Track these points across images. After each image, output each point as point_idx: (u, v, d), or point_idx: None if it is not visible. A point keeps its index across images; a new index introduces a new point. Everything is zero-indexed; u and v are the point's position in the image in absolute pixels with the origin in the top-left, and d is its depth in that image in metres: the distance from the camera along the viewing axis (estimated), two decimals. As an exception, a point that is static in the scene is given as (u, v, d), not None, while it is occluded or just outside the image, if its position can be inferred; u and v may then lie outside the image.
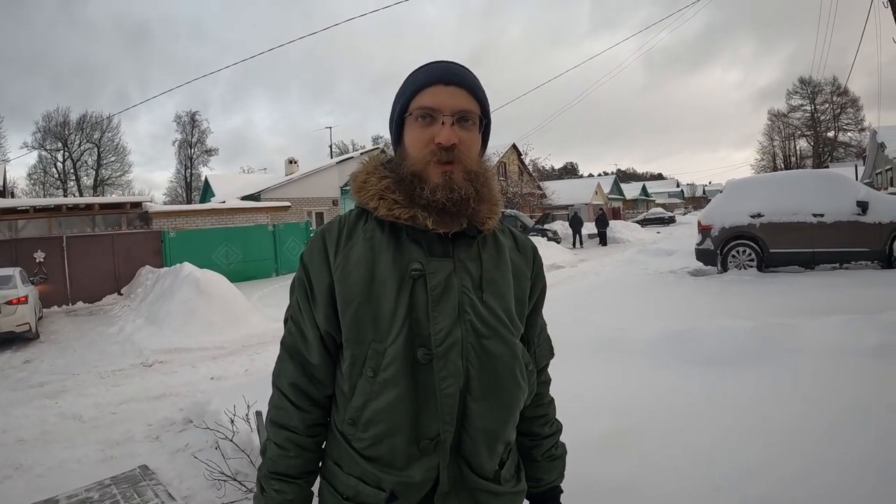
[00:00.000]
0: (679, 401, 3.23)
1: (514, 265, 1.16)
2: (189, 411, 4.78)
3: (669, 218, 47.52)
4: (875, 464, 2.35)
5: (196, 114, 54.39)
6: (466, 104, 1.07)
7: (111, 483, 3.51)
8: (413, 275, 1.04)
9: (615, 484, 2.32)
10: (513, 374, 1.09)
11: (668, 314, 6.73)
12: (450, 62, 1.11)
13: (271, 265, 17.89)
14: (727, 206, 10.47)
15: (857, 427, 2.66)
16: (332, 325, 1.08)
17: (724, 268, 10.26)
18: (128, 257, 14.47)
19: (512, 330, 1.10)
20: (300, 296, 1.12)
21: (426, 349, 1.02)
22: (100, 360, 7.43)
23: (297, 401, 1.11)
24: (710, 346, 3.86)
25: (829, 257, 9.50)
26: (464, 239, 1.09)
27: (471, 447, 1.06)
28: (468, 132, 1.07)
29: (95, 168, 47.70)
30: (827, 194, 9.49)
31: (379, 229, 1.09)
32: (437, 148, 1.04)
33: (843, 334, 3.75)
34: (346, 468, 1.08)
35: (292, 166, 27.82)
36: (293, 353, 1.13)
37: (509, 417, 1.11)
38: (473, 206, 1.06)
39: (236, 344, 8.06)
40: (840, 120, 57.19)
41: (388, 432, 1.02)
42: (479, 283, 1.08)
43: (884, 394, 2.98)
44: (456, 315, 1.04)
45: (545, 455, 1.27)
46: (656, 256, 15.39)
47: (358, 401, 1.05)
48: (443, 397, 1.02)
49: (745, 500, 2.20)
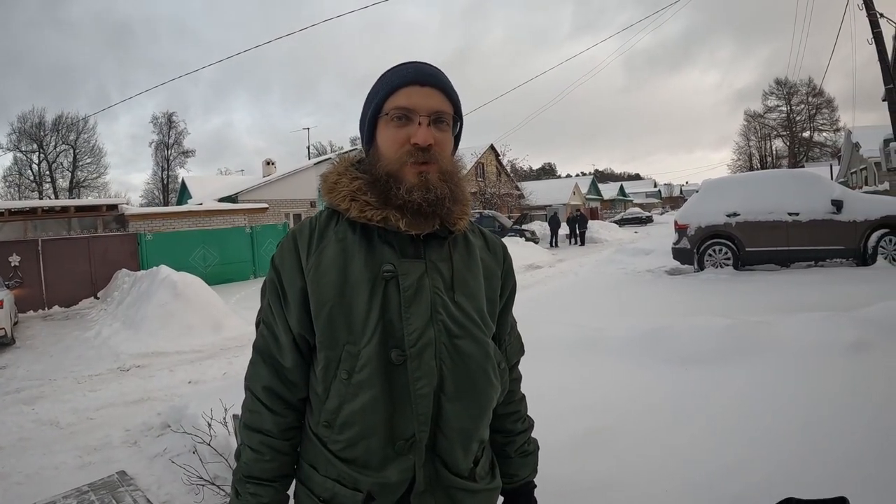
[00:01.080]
0: (656, 399, 3.26)
1: (484, 265, 1.18)
2: (167, 416, 4.72)
3: (647, 218, 48.02)
4: (853, 459, 2.38)
5: (173, 115, 53.70)
6: (441, 105, 1.08)
7: (89, 490, 3.45)
8: (385, 276, 1.04)
9: (592, 483, 2.34)
10: (485, 372, 1.10)
11: (645, 313, 6.80)
12: (423, 63, 1.12)
13: (249, 267, 17.75)
14: (703, 206, 10.62)
15: (834, 423, 2.69)
16: (305, 328, 1.08)
17: (701, 266, 10.40)
18: (104, 260, 14.24)
19: (484, 329, 1.12)
20: (272, 299, 1.12)
21: (400, 350, 1.03)
22: (77, 365, 7.30)
23: (271, 404, 1.10)
24: (686, 345, 3.88)
25: (805, 255, 9.67)
26: (435, 240, 1.10)
27: (446, 446, 1.07)
28: (443, 133, 1.08)
29: (71, 170, 46.85)
30: (802, 193, 9.66)
31: (350, 231, 1.09)
32: (414, 148, 1.04)
33: (820, 331, 3.79)
34: (321, 470, 1.08)
35: (270, 168, 27.63)
36: (266, 356, 1.13)
37: (483, 416, 1.12)
38: (448, 206, 1.07)
39: (214, 347, 7.98)
40: (815, 120, 58.16)
41: (363, 434, 1.03)
42: (451, 284, 1.09)
43: (861, 389, 3.02)
44: (429, 316, 1.05)
45: (518, 451, 1.29)
46: (634, 256, 15.53)
47: (333, 403, 1.05)
48: (417, 398, 1.03)
49: (722, 497, 2.21)
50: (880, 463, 2.32)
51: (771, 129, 61.34)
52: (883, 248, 9.04)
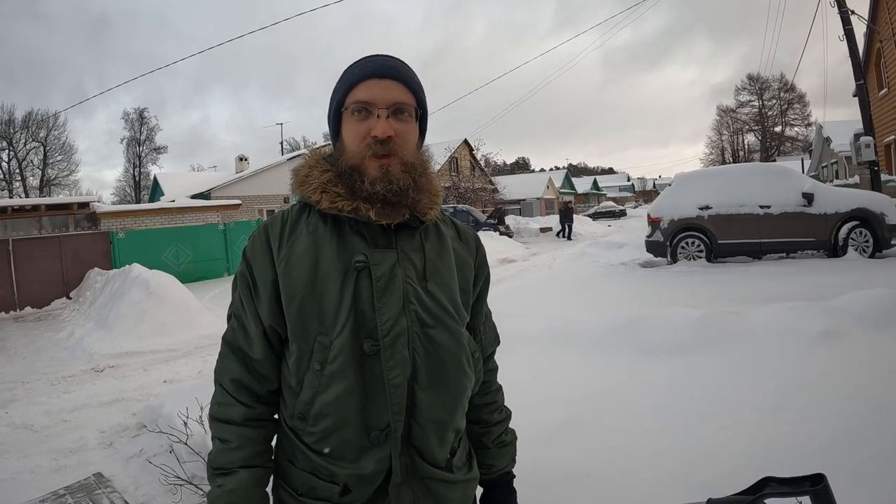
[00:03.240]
0: (630, 389, 3.29)
1: (456, 255, 1.19)
2: (142, 416, 4.66)
3: (620, 211, 48.50)
4: (823, 444, 2.43)
5: (144, 111, 52.95)
6: (401, 96, 1.08)
7: (66, 493, 3.39)
8: (357, 266, 1.05)
9: (569, 471, 2.36)
10: (458, 362, 1.11)
11: (619, 305, 6.87)
12: (384, 55, 1.12)
13: (222, 265, 17.52)
14: (676, 199, 10.76)
15: (805, 409, 2.74)
16: (276, 320, 1.08)
17: (674, 259, 10.55)
18: (76, 260, 13.93)
19: (457, 319, 1.13)
20: (243, 291, 1.12)
21: (373, 340, 1.03)
22: (50, 366, 7.15)
23: (240, 396, 1.10)
24: (660, 335, 3.92)
25: (776, 247, 9.87)
26: (406, 230, 1.10)
27: (421, 436, 1.08)
28: (404, 124, 1.09)
29: (42, 168, 45.88)
30: (773, 187, 9.85)
31: (322, 222, 1.09)
32: (374, 141, 1.05)
33: (791, 320, 3.86)
34: (298, 464, 1.08)
35: (243, 164, 27.36)
36: (234, 348, 1.12)
37: (457, 405, 1.13)
38: (413, 197, 1.07)
39: (188, 346, 7.88)
40: (787, 115, 59.25)
41: (337, 424, 1.03)
42: (423, 273, 1.10)
43: (831, 377, 3.08)
44: (401, 305, 1.05)
45: (496, 442, 1.30)
46: (607, 249, 15.69)
47: (306, 395, 1.05)
48: (391, 387, 1.04)
49: (698, 483, 2.24)
50: (850, 446, 2.38)
51: (743, 123, 62.38)
52: (853, 240, 9.27)
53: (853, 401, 2.77)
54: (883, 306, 4.00)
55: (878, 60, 18.40)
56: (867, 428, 2.51)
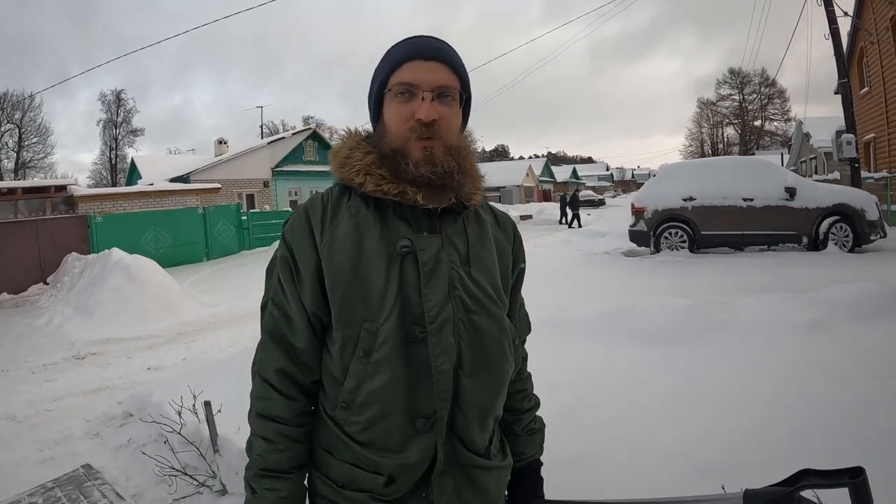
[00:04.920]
0: (627, 375, 3.33)
1: (496, 241, 1.17)
2: (129, 404, 4.58)
3: (599, 200, 48.74)
4: (814, 427, 2.50)
5: (121, 92, 51.86)
6: (446, 79, 1.06)
7: (54, 486, 3.30)
8: (402, 251, 1.02)
9: (573, 456, 2.37)
10: (501, 348, 1.09)
11: (606, 293, 6.89)
12: (429, 37, 1.10)
13: (202, 249, 17.38)
14: (660, 190, 10.85)
15: (797, 395, 2.81)
16: (319, 306, 1.05)
17: (657, 249, 10.63)
18: (53, 244, 13.62)
19: (499, 304, 1.11)
20: (284, 277, 1.08)
21: (420, 327, 1.01)
22: (30, 354, 6.99)
23: (284, 388, 1.06)
24: (650, 323, 3.97)
25: (758, 240, 9.99)
26: (449, 215, 1.09)
27: (464, 423, 1.07)
28: (448, 107, 1.06)
29: (17, 150, 44.76)
30: (757, 180, 9.97)
31: (364, 205, 1.07)
32: (418, 124, 1.03)
33: (778, 311, 3.94)
34: (338, 455, 1.06)
35: (222, 147, 27.02)
36: (277, 338, 1.08)
37: (500, 392, 1.12)
38: (458, 180, 1.06)
39: (171, 332, 7.76)
40: (767, 110, 59.96)
41: (383, 413, 1.01)
42: (467, 259, 1.08)
43: (819, 365, 3.16)
44: (446, 291, 1.03)
45: (525, 429, 1.30)
46: (589, 238, 15.75)
47: (351, 383, 1.02)
48: (438, 374, 1.02)
49: (698, 464, 2.29)
50: (840, 430, 2.44)
51: (723, 116, 62.98)
52: (833, 235, 9.41)
53: (842, 388, 2.85)
54: (867, 299, 4.10)
55: (861, 59, 18.69)
56: (856, 414, 2.58)
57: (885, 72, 16.45)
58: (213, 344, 6.94)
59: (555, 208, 29.28)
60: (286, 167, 26.71)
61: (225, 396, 3.26)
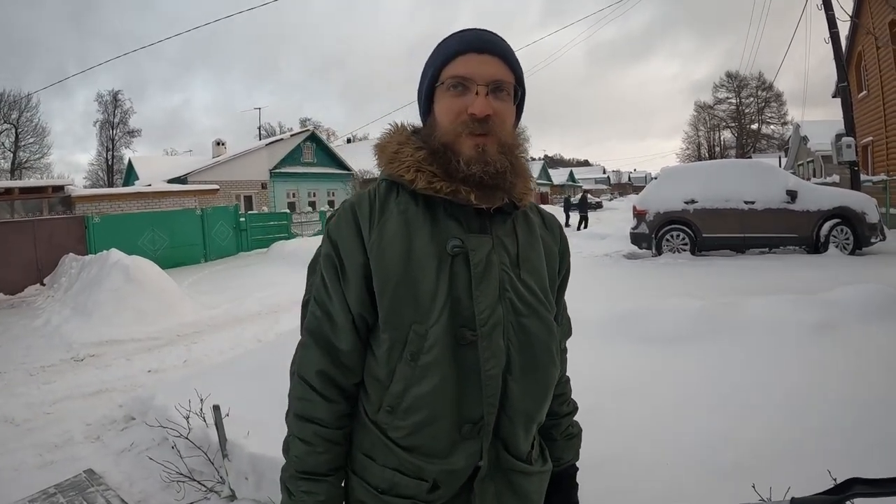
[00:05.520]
0: (640, 376, 3.32)
1: (544, 242, 1.14)
2: (130, 408, 4.53)
3: (597, 203, 48.76)
4: (830, 426, 2.50)
5: (118, 93, 51.64)
6: (501, 73, 1.02)
7: (56, 491, 3.23)
8: (453, 251, 0.99)
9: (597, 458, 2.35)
10: (549, 352, 1.07)
11: (612, 295, 6.86)
12: (483, 30, 1.06)
13: (199, 251, 17.27)
14: (662, 192, 10.84)
15: (811, 396, 2.82)
16: (364, 307, 1.02)
17: (659, 251, 10.63)
18: (50, 245, 13.51)
19: (548, 307, 1.08)
20: (328, 275, 1.04)
21: (470, 329, 0.98)
22: (27, 356, 6.89)
23: (325, 391, 1.03)
24: (660, 325, 3.96)
25: (759, 242, 10.01)
26: (500, 215, 1.05)
27: (509, 428, 1.04)
28: (503, 103, 1.03)
29: (13, 150, 44.48)
30: (758, 183, 9.98)
31: (413, 203, 1.03)
32: (471, 119, 0.99)
33: (786, 312, 3.94)
34: (380, 460, 1.03)
35: (220, 148, 26.87)
36: (319, 338, 1.05)
37: (546, 396, 1.10)
38: (511, 180, 1.02)
39: (171, 333, 7.69)
40: (764, 113, 60.09)
41: (430, 419, 0.98)
42: (517, 261, 1.05)
43: (830, 366, 3.17)
44: (497, 294, 1.00)
45: (563, 434, 1.27)
46: (590, 240, 15.76)
47: (397, 387, 0.99)
48: (487, 378, 0.99)
49: (719, 465, 2.30)
50: (857, 431, 2.45)
51: (720, 120, 63.11)
52: (834, 237, 9.42)
53: (855, 389, 2.87)
54: (873, 300, 4.11)
55: (859, 63, 18.74)
56: (871, 414, 2.59)
57: (883, 75, 16.50)
58: (214, 346, 6.89)
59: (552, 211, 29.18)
60: (284, 169, 26.63)
61: (231, 400, 3.22)
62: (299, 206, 26.16)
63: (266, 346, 5.54)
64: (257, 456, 2.83)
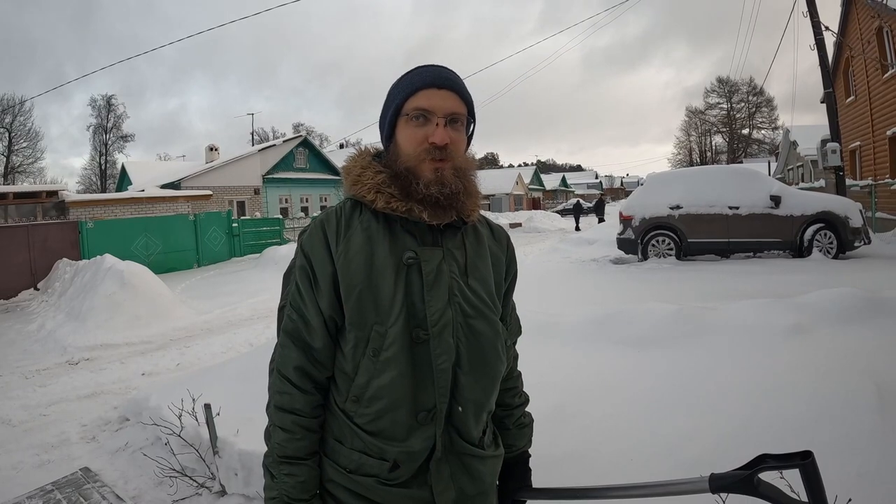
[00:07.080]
0: (613, 378, 3.41)
1: (491, 252, 1.29)
2: (125, 409, 4.64)
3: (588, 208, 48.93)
4: (796, 425, 2.60)
5: (112, 97, 51.67)
6: (456, 107, 1.18)
7: (53, 488, 3.36)
8: (408, 262, 1.15)
9: (563, 454, 2.48)
10: (495, 349, 1.22)
11: (594, 300, 6.96)
12: (441, 66, 1.22)
13: (192, 256, 17.41)
14: (648, 198, 10.95)
15: (777, 395, 2.90)
16: (335, 311, 1.17)
17: (645, 256, 10.73)
18: (44, 250, 13.62)
19: (494, 310, 1.24)
20: (303, 284, 1.19)
21: (423, 329, 1.13)
22: (22, 359, 7.02)
23: (302, 384, 1.18)
24: (638, 328, 4.06)
25: (744, 247, 10.13)
26: (451, 229, 1.21)
27: (460, 416, 1.18)
28: (457, 132, 1.19)
29: (6, 154, 44.42)
30: (742, 188, 10.10)
31: (374, 220, 1.18)
32: (431, 147, 1.15)
33: (761, 316, 4.03)
34: (348, 444, 1.17)
35: (213, 153, 26.89)
36: (296, 339, 1.19)
37: (493, 388, 1.25)
38: (463, 200, 1.18)
39: (164, 338, 7.84)
40: (755, 118, 60.55)
41: (390, 406, 1.13)
42: (465, 269, 1.21)
43: (800, 366, 3.25)
44: (447, 298, 1.16)
45: (516, 423, 1.43)
46: (578, 245, 15.82)
47: (362, 379, 1.14)
48: (438, 372, 1.14)
49: (684, 460, 2.40)
50: (819, 427, 2.55)
51: (711, 125, 63.51)
52: (818, 242, 9.55)
53: (821, 388, 2.94)
54: (846, 304, 4.20)
55: (847, 69, 18.95)
56: (834, 411, 2.68)
57: (870, 81, 16.69)
58: (206, 350, 7.00)
59: (544, 216, 29.46)
60: (277, 174, 26.67)
61: (222, 400, 3.33)
62: (292, 212, 26.23)
63: (257, 349, 5.65)
64: (246, 452, 2.96)
